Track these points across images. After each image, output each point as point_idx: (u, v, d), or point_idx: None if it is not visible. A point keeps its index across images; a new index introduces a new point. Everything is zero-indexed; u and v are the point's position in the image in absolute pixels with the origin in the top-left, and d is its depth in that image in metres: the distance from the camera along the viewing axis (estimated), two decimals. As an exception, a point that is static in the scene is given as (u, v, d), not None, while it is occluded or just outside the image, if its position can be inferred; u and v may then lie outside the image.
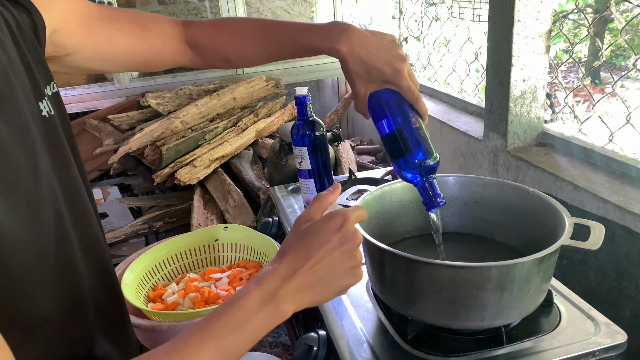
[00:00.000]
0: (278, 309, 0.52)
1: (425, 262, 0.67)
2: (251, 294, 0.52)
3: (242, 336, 0.50)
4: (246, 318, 0.50)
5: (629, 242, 0.95)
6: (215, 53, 0.79)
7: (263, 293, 0.52)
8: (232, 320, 0.50)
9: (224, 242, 1.31)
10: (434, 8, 2.09)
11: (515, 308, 0.69)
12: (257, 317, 0.51)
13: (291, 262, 0.54)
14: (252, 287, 0.52)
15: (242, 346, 0.50)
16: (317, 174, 1.10)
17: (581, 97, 3.39)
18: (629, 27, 3.08)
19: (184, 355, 0.47)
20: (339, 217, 0.57)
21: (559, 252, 0.69)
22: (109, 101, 2.37)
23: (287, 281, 0.53)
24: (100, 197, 2.16)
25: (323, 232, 0.56)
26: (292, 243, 0.57)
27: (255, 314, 0.51)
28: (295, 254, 0.55)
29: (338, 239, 0.56)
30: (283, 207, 1.24)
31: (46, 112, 0.53)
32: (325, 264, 0.55)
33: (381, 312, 0.80)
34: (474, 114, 1.65)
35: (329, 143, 1.55)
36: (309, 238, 0.56)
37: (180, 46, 0.78)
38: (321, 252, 0.55)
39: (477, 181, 0.90)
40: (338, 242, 0.56)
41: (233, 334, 0.49)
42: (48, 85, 0.56)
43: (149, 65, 0.78)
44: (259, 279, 0.53)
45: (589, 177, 1.09)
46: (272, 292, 0.52)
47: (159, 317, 1.02)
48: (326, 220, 0.57)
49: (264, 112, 2.28)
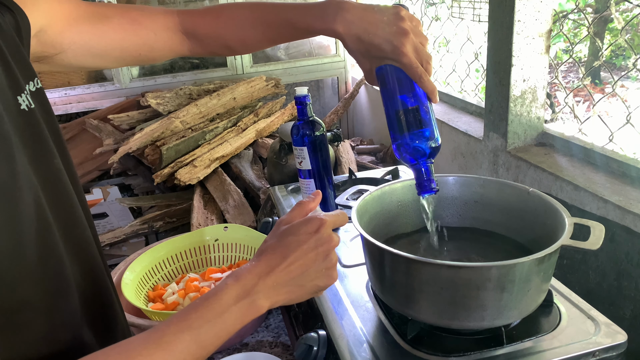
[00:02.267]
0: (253, 304, 0.55)
1: (425, 262, 0.67)
2: (229, 288, 0.54)
3: (217, 328, 0.52)
4: (222, 311, 0.53)
5: (629, 242, 0.95)
6: (216, 41, 0.79)
7: (239, 288, 0.54)
8: (209, 312, 0.52)
9: (224, 242, 1.31)
10: (434, 8, 2.09)
11: (515, 308, 0.69)
12: (233, 311, 0.53)
13: (268, 260, 0.57)
14: (230, 282, 0.55)
15: (217, 337, 0.52)
16: (317, 174, 1.10)
17: (581, 97, 3.39)
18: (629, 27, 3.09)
19: (161, 344, 0.49)
20: (316, 221, 0.60)
21: (559, 252, 0.69)
22: (109, 101, 2.37)
23: (263, 278, 0.55)
24: (100, 197, 2.16)
25: (300, 234, 0.59)
26: (271, 243, 0.59)
27: (230, 307, 0.53)
28: (273, 253, 0.57)
29: (314, 240, 0.58)
30: (283, 207, 1.24)
31: (25, 106, 0.53)
32: (300, 264, 0.57)
33: (381, 312, 0.80)
34: (474, 114, 1.65)
35: (329, 143, 1.55)
36: (286, 239, 0.59)
37: (175, 37, 0.77)
38: (297, 252, 0.57)
39: (477, 181, 0.90)
40: (314, 244, 0.58)
41: (209, 325, 0.52)
42: (31, 81, 0.56)
43: (144, 59, 0.78)
44: (237, 275, 0.56)
45: (589, 177, 1.09)
46: (249, 288, 0.55)
47: (159, 317, 1.02)
48: (304, 223, 0.60)
49: (264, 112, 2.28)
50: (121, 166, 2.24)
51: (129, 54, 0.75)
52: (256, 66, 2.51)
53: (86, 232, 0.61)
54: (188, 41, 0.79)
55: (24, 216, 0.50)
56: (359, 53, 0.69)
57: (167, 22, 0.76)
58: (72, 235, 0.58)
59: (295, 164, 1.11)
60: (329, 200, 1.10)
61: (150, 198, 2.13)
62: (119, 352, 0.48)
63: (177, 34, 0.77)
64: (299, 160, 1.09)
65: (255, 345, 1.04)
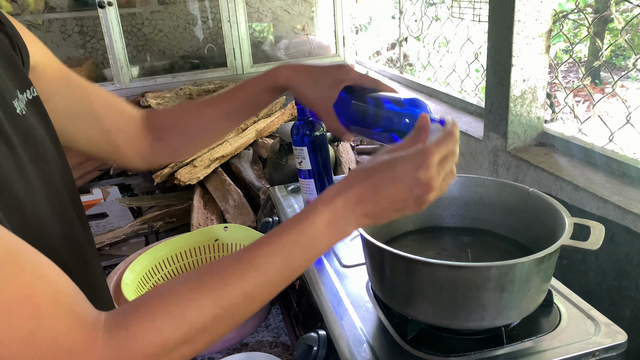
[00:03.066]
0: (341, 229, 0.55)
1: (425, 262, 0.67)
2: (320, 213, 0.54)
3: (309, 252, 0.54)
4: (314, 236, 0.54)
5: (629, 242, 0.95)
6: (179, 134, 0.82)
7: (330, 214, 0.54)
8: (301, 236, 0.53)
9: (224, 242, 1.31)
10: (434, 8, 2.09)
11: (515, 308, 0.69)
12: (323, 236, 0.54)
13: (359, 189, 0.55)
14: (321, 207, 0.54)
15: (306, 260, 0.54)
16: (317, 174, 1.10)
17: (581, 97, 3.39)
18: (629, 27, 3.08)
19: (254, 265, 0.50)
20: (420, 158, 0.55)
21: (559, 252, 0.69)
22: (109, 101, 2.37)
23: (352, 207, 0.55)
24: (100, 197, 2.16)
25: (398, 169, 0.55)
26: (367, 168, 0.57)
27: (321, 232, 0.54)
28: (365, 182, 0.56)
29: (409, 183, 0.55)
30: (283, 207, 1.24)
31: (20, 110, 0.54)
32: (390, 200, 0.56)
33: (381, 312, 0.80)
34: (474, 114, 1.65)
35: (329, 143, 1.55)
36: (383, 172, 0.56)
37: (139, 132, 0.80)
38: (390, 189, 0.55)
39: (477, 181, 0.90)
40: (409, 186, 0.55)
41: (300, 249, 0.53)
42: (27, 90, 0.57)
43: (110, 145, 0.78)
44: (327, 201, 0.55)
45: (589, 177, 1.09)
46: (339, 214, 0.55)
47: (159, 317, 1.02)
48: (407, 158, 0.56)
49: (264, 112, 2.28)
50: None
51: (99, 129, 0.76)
52: (256, 66, 2.51)
53: (80, 237, 0.62)
54: (150, 136, 0.81)
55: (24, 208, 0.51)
56: (310, 91, 0.75)
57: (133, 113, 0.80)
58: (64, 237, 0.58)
59: (295, 164, 1.11)
60: None
61: (150, 198, 2.13)
62: (212, 271, 0.49)
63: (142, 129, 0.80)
64: (299, 160, 1.09)
65: (255, 345, 1.04)
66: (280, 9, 2.81)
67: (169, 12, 2.74)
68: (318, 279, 0.91)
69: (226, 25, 2.42)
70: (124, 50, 2.27)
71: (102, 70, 2.55)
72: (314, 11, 2.85)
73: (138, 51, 2.72)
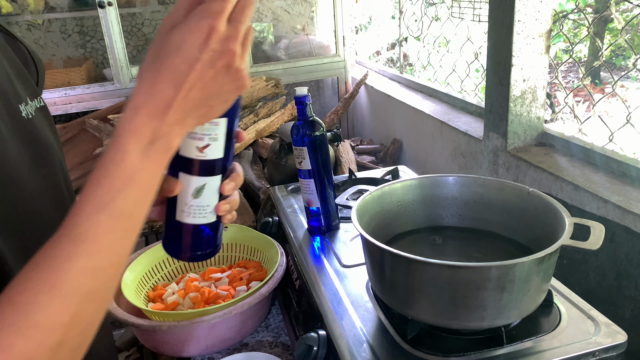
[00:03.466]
0: (164, 147, 0.46)
1: (425, 262, 0.67)
2: (127, 145, 0.44)
3: (134, 192, 0.45)
4: (132, 174, 0.44)
5: (629, 242, 0.95)
6: None
7: (140, 140, 0.44)
8: (117, 181, 0.44)
9: (224, 242, 1.30)
10: (434, 8, 2.09)
11: (515, 308, 0.69)
12: (145, 167, 0.45)
13: (158, 93, 0.45)
14: (124, 138, 0.44)
15: (138, 201, 0.45)
16: (317, 174, 1.10)
17: (581, 97, 3.39)
18: (629, 27, 3.08)
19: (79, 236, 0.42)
20: (204, 25, 0.45)
21: (559, 252, 0.69)
22: (109, 101, 2.37)
23: (161, 117, 0.45)
24: (100, 197, 2.16)
25: (188, 49, 0.45)
26: (155, 64, 0.46)
27: (140, 164, 0.44)
28: (161, 81, 0.45)
29: (208, 56, 0.45)
30: (283, 207, 1.24)
31: (25, 114, 0.54)
32: (199, 87, 0.46)
33: (381, 312, 0.80)
34: (474, 114, 1.65)
35: (329, 143, 1.55)
36: (172, 59, 0.45)
37: None
38: (191, 75, 0.45)
39: (477, 181, 0.90)
40: (209, 60, 0.45)
41: (122, 194, 0.44)
42: (36, 99, 0.58)
43: None
44: (127, 125, 0.45)
45: (589, 177, 1.09)
46: (149, 134, 0.45)
47: (159, 317, 1.02)
48: (190, 31, 0.45)
49: (264, 112, 2.28)
50: (121, 166, 2.23)
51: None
52: (256, 66, 2.51)
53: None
54: None
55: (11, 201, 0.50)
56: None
57: None
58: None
59: (295, 164, 1.11)
60: (329, 200, 1.10)
61: (150, 198, 2.13)
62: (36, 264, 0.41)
63: None
64: (298, 161, 1.09)
65: (255, 345, 1.04)
66: (280, 9, 2.81)
67: (169, 12, 2.73)
68: (318, 279, 0.91)
69: (226, 25, 2.42)
70: (124, 50, 2.27)
71: (102, 70, 2.55)
72: (314, 11, 2.85)
73: (138, 51, 2.72)
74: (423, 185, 0.92)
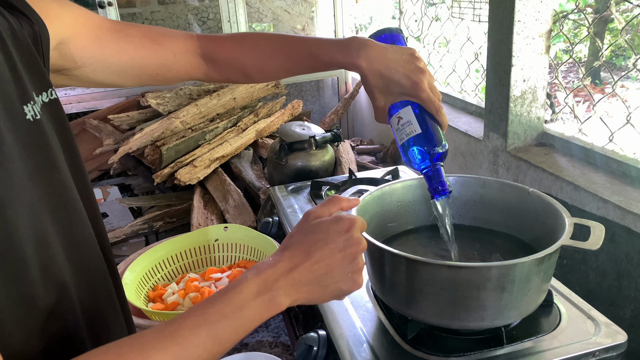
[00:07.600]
0: (273, 300, 0.53)
1: (425, 262, 0.67)
2: (249, 282, 0.52)
3: (235, 323, 0.51)
4: (241, 306, 0.51)
5: (629, 242, 0.95)
6: (234, 67, 0.79)
7: (260, 283, 0.53)
8: (227, 307, 0.51)
9: (224, 242, 1.31)
10: (434, 8, 2.09)
11: (516, 308, 0.69)
12: (252, 306, 0.51)
13: (292, 256, 0.55)
14: (250, 276, 0.53)
15: (235, 333, 0.51)
16: None
17: (581, 97, 3.39)
18: (629, 27, 3.08)
19: (176, 338, 0.47)
20: (347, 221, 0.58)
21: (559, 252, 0.69)
22: (109, 101, 2.37)
23: (285, 274, 0.54)
24: (100, 197, 2.16)
25: (329, 232, 0.57)
26: (297, 238, 0.57)
27: (250, 302, 0.51)
28: (298, 249, 0.56)
29: (343, 241, 0.56)
30: (283, 207, 1.24)
31: (31, 116, 0.52)
32: (325, 263, 0.55)
33: (381, 312, 0.80)
34: (474, 114, 1.65)
35: (329, 143, 1.55)
36: (314, 235, 0.57)
37: (194, 60, 0.78)
38: (324, 251, 0.55)
39: (477, 181, 0.90)
40: (342, 245, 0.56)
41: (226, 320, 0.50)
42: (45, 92, 0.55)
43: (160, 79, 0.78)
44: (258, 269, 0.54)
45: (589, 177, 1.09)
46: (270, 283, 0.53)
47: (159, 317, 1.02)
48: (334, 221, 0.58)
49: (264, 112, 2.28)
50: (121, 166, 2.24)
51: (146, 73, 0.75)
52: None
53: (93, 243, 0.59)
54: (205, 65, 0.79)
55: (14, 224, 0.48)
56: (378, 89, 0.71)
57: (187, 44, 0.77)
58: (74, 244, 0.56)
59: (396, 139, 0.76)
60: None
61: (150, 198, 2.13)
62: (132, 344, 0.47)
63: (196, 58, 0.78)
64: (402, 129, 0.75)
65: (255, 345, 1.04)
66: (280, 9, 2.81)
67: (169, 12, 2.74)
68: (318, 279, 0.91)
69: (226, 25, 2.42)
70: (124, 50, 2.27)
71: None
72: (314, 11, 2.85)
73: (138, 51, 2.72)
74: (423, 185, 0.92)
